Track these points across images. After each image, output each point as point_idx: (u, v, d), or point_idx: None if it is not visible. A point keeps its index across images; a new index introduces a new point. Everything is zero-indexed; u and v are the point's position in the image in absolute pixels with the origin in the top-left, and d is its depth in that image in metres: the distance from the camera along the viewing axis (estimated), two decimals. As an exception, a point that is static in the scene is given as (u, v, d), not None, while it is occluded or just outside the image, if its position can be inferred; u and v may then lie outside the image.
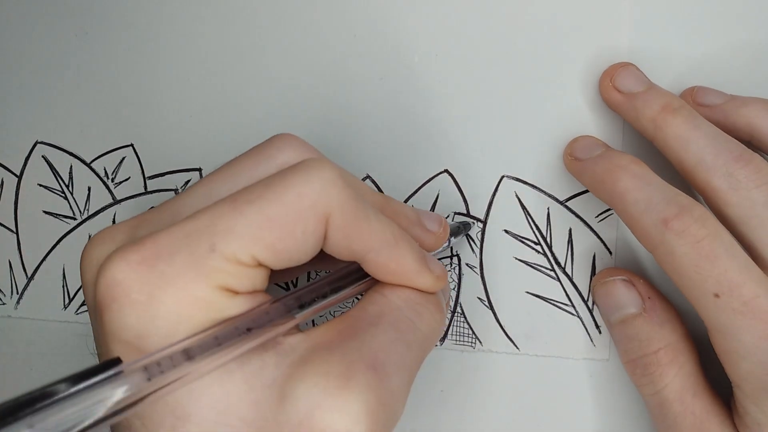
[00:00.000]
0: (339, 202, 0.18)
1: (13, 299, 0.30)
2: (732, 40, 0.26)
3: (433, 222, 0.23)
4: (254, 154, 0.20)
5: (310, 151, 0.21)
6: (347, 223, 0.19)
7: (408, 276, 0.21)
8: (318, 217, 0.18)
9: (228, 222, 0.18)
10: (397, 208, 0.22)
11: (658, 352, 0.23)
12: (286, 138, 0.21)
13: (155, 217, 0.20)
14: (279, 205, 0.18)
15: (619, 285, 0.25)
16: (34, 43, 0.30)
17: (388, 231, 0.20)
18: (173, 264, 0.17)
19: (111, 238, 0.20)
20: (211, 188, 0.20)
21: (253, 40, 0.29)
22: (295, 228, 0.18)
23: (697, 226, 0.21)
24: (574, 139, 0.27)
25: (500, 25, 0.27)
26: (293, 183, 0.18)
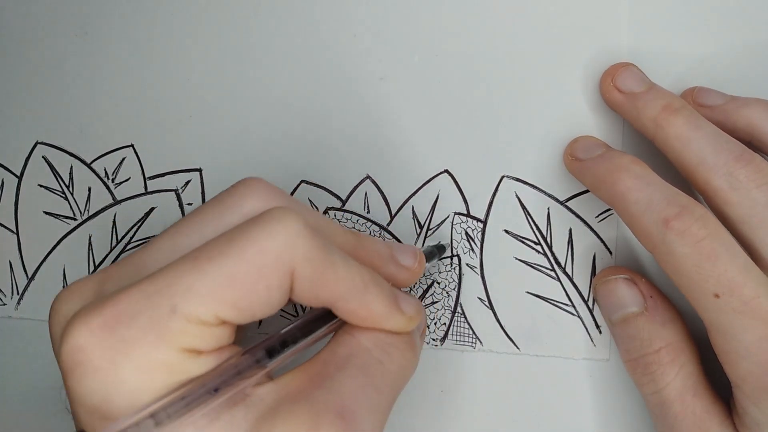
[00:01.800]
0: (304, 254, 0.18)
1: (14, 300, 0.30)
2: (732, 40, 0.26)
3: (408, 256, 0.23)
4: (219, 203, 0.20)
5: (276, 198, 0.20)
6: (314, 274, 0.18)
7: (378, 321, 0.20)
8: (282, 271, 0.18)
9: (189, 281, 0.17)
10: (368, 245, 0.22)
11: (659, 352, 0.23)
12: (251, 184, 0.20)
13: (120, 272, 0.19)
14: (241, 261, 0.17)
15: (620, 284, 0.25)
16: (34, 43, 0.30)
17: (357, 277, 0.20)
18: (134, 327, 0.17)
19: (79, 294, 0.19)
20: (175, 241, 0.19)
21: (253, 40, 0.29)
22: (258, 285, 0.18)
23: (698, 226, 0.21)
24: (575, 139, 0.27)
25: (500, 25, 0.27)
26: (255, 237, 0.18)
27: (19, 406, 0.29)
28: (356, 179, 0.28)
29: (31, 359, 0.29)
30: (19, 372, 0.29)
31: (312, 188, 0.28)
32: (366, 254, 0.22)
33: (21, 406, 0.29)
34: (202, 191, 0.29)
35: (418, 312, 0.22)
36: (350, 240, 0.22)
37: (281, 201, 0.20)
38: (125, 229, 0.29)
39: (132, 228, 0.29)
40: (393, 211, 0.28)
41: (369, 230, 0.28)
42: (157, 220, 0.29)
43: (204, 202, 0.28)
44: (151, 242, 0.20)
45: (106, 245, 0.29)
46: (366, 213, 0.28)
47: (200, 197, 0.29)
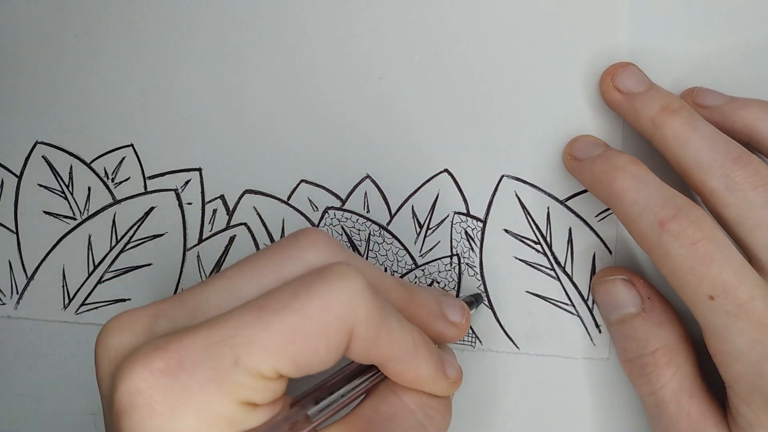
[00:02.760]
0: (364, 315, 0.18)
1: (13, 299, 0.30)
2: (732, 40, 0.26)
3: (456, 312, 0.23)
4: (279, 252, 0.20)
5: (336, 251, 0.20)
6: (370, 335, 0.19)
7: (424, 384, 0.21)
8: (343, 330, 0.18)
9: (252, 333, 0.17)
10: (420, 301, 0.22)
11: (655, 353, 0.23)
12: (312, 235, 0.20)
13: (175, 310, 0.19)
14: (304, 317, 0.17)
15: (618, 284, 0.25)
16: (34, 43, 0.29)
17: (409, 340, 0.20)
18: (196, 376, 0.17)
19: (129, 327, 0.19)
20: (234, 284, 0.19)
21: (253, 39, 0.29)
22: (319, 342, 0.18)
23: (693, 228, 0.21)
24: (574, 139, 0.27)
25: (500, 24, 0.27)
26: (319, 293, 0.18)
27: (18, 405, 0.29)
28: (356, 178, 0.28)
29: (30, 359, 0.29)
30: (17, 371, 0.29)
31: (312, 187, 0.28)
32: (417, 309, 0.22)
33: (20, 406, 0.29)
34: (202, 191, 0.29)
35: (460, 375, 0.22)
36: (403, 295, 0.22)
37: (342, 255, 0.20)
38: (125, 228, 0.29)
39: (132, 228, 0.29)
40: (393, 210, 0.28)
41: (369, 229, 0.28)
42: (157, 219, 0.29)
43: (203, 203, 0.29)
44: (207, 282, 0.20)
45: (105, 245, 0.29)
46: (366, 212, 0.28)
47: (200, 197, 0.29)
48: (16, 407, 0.29)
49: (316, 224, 0.28)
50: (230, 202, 0.29)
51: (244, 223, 0.29)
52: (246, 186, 0.29)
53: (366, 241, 0.28)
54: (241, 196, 0.29)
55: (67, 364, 0.29)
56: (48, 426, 0.29)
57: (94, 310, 0.29)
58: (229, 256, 0.29)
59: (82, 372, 0.29)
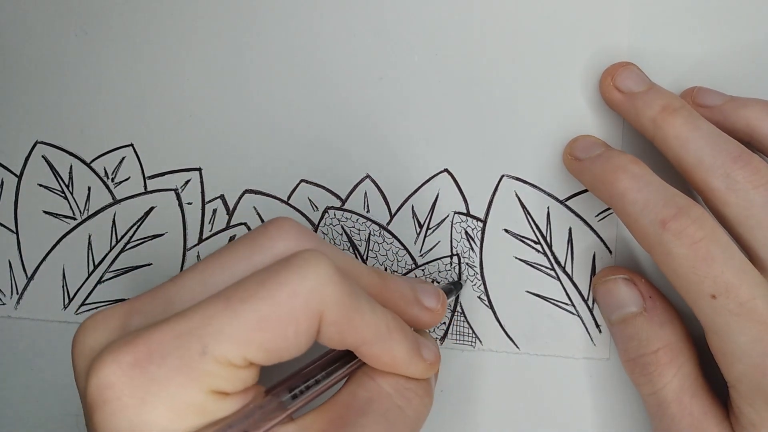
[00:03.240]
0: (333, 299, 0.18)
1: (13, 299, 0.30)
2: (732, 40, 0.26)
3: (431, 298, 0.23)
4: (250, 242, 0.20)
5: (306, 239, 0.20)
6: (341, 319, 0.19)
7: (400, 366, 0.21)
8: (311, 315, 0.18)
9: (220, 322, 0.17)
10: (393, 286, 0.22)
11: (657, 352, 0.23)
12: (282, 224, 0.20)
13: (148, 306, 0.19)
14: (272, 304, 0.18)
15: (620, 284, 0.25)
16: (34, 43, 0.30)
17: (382, 323, 0.20)
18: (164, 367, 0.17)
19: (104, 325, 0.19)
20: (204, 278, 0.20)
21: (253, 39, 0.29)
22: (287, 328, 0.18)
23: (695, 227, 0.21)
24: (574, 139, 0.27)
25: (500, 25, 0.27)
26: (286, 280, 0.18)
27: (18, 405, 0.29)
28: (356, 178, 0.28)
29: (30, 358, 0.29)
30: (17, 371, 0.29)
31: (312, 187, 0.28)
32: (390, 295, 0.22)
33: (20, 406, 0.29)
34: (202, 190, 0.29)
35: (438, 358, 0.22)
36: (375, 281, 0.22)
37: (311, 242, 0.20)
38: (125, 228, 0.29)
39: (132, 227, 0.29)
40: (393, 210, 0.28)
41: (369, 229, 0.28)
42: (157, 219, 0.29)
43: (203, 202, 0.29)
44: (179, 277, 0.20)
45: (105, 245, 0.29)
46: (366, 212, 0.28)
47: (200, 196, 0.29)
48: (16, 407, 0.29)
49: (316, 224, 0.28)
50: (230, 201, 0.29)
51: (244, 222, 0.29)
52: (246, 186, 0.28)
53: (366, 240, 0.28)
54: (241, 195, 0.29)
55: (67, 364, 0.29)
56: (48, 426, 0.29)
57: (94, 310, 0.29)
58: (229, 256, 0.28)
59: (82, 372, 0.29)
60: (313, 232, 0.21)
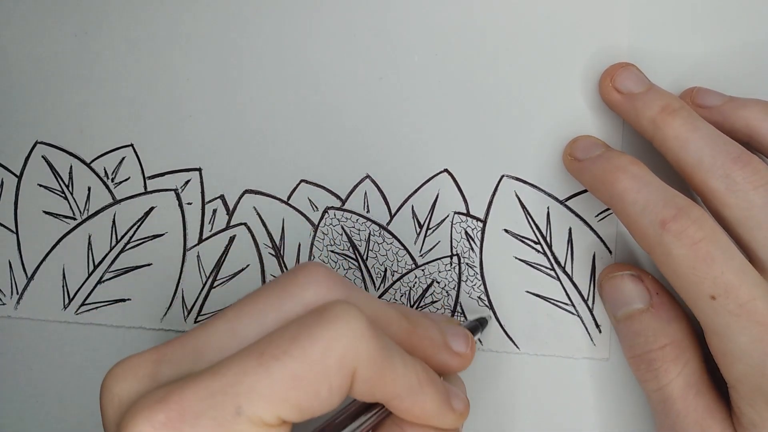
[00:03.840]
0: (366, 355, 0.18)
1: (13, 299, 0.30)
2: (732, 40, 0.26)
3: (460, 342, 0.23)
4: (278, 290, 0.20)
5: (336, 286, 0.20)
6: (373, 375, 0.18)
7: (430, 418, 0.20)
8: (345, 373, 0.18)
9: (253, 380, 0.17)
10: (422, 332, 0.22)
11: (664, 348, 0.23)
12: (311, 271, 0.20)
13: (177, 354, 0.19)
14: (306, 362, 0.17)
15: (626, 280, 0.25)
16: (34, 43, 0.29)
17: (413, 376, 0.20)
18: (198, 427, 0.17)
19: (132, 373, 0.19)
20: (235, 326, 0.19)
21: (253, 39, 0.29)
22: (321, 386, 0.18)
23: (695, 228, 0.21)
24: (574, 139, 0.27)
25: (500, 25, 0.27)
26: (320, 337, 0.18)
27: (18, 405, 0.29)
28: (356, 178, 0.28)
29: (30, 359, 0.29)
30: (17, 371, 0.29)
31: (312, 187, 0.28)
32: (419, 341, 0.22)
33: (20, 405, 0.29)
34: (202, 191, 0.29)
35: (467, 408, 0.22)
36: (404, 326, 0.21)
37: (342, 290, 0.20)
38: (125, 228, 0.29)
39: (132, 227, 0.29)
40: (393, 210, 0.28)
41: (369, 229, 0.28)
42: (157, 219, 0.29)
43: (203, 203, 0.29)
44: (208, 324, 0.20)
45: (105, 245, 0.29)
46: (366, 212, 0.28)
47: (200, 197, 0.29)
48: (16, 407, 0.29)
49: (316, 224, 0.28)
50: (230, 202, 0.29)
51: (244, 223, 0.29)
52: (246, 186, 0.29)
53: (366, 241, 0.28)
54: (241, 196, 0.29)
55: (67, 364, 0.29)
56: (48, 426, 0.29)
57: (94, 310, 0.29)
58: (229, 256, 0.29)
59: (82, 372, 0.29)
60: (343, 277, 0.21)
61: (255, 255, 0.28)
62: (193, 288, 0.29)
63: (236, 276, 0.28)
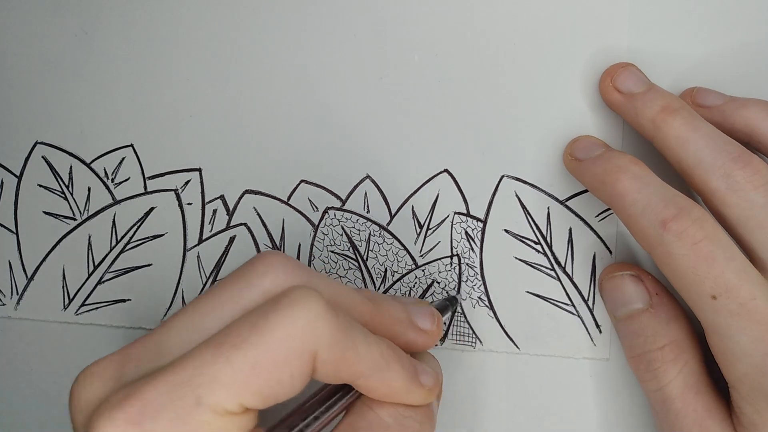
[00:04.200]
0: (327, 337, 0.18)
1: (13, 300, 0.30)
2: (732, 40, 0.26)
3: (426, 319, 0.23)
4: (238, 280, 0.20)
5: (294, 273, 0.20)
6: (335, 356, 0.18)
7: (398, 396, 0.20)
8: (306, 356, 0.18)
9: (213, 371, 0.17)
10: (386, 311, 0.22)
11: (663, 348, 0.23)
12: (269, 260, 0.20)
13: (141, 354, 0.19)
14: (265, 350, 0.17)
15: (627, 280, 0.25)
16: (34, 43, 0.30)
17: (377, 354, 0.19)
18: (160, 421, 0.17)
19: (98, 376, 0.19)
20: (194, 321, 0.19)
21: (253, 39, 0.29)
22: (282, 372, 0.18)
23: (695, 228, 0.21)
24: (574, 139, 0.27)
25: (500, 25, 0.27)
26: (278, 323, 0.18)
27: (18, 405, 0.29)
28: (356, 179, 0.28)
29: (30, 359, 0.29)
30: (17, 371, 0.29)
31: (312, 188, 0.28)
32: (384, 320, 0.22)
33: (20, 406, 0.29)
34: (202, 191, 0.29)
35: (437, 383, 0.22)
36: (368, 308, 0.21)
37: (300, 276, 0.20)
38: (125, 229, 0.29)
39: (132, 228, 0.29)
40: (393, 210, 0.28)
41: (369, 229, 0.28)
42: (157, 219, 0.29)
43: (203, 203, 0.29)
44: (169, 321, 0.20)
45: (105, 245, 0.29)
46: (366, 212, 0.28)
47: (200, 197, 0.29)
48: (16, 407, 0.29)
49: (317, 224, 0.28)
50: (230, 202, 0.29)
51: (244, 223, 0.29)
52: (246, 186, 0.28)
53: (366, 241, 0.28)
54: (241, 196, 0.29)
55: (67, 364, 0.29)
56: (48, 426, 0.29)
57: (94, 310, 0.29)
58: (229, 257, 0.29)
59: (82, 372, 0.29)
60: (302, 264, 0.20)
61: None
62: (193, 288, 0.29)
63: (236, 276, 0.28)
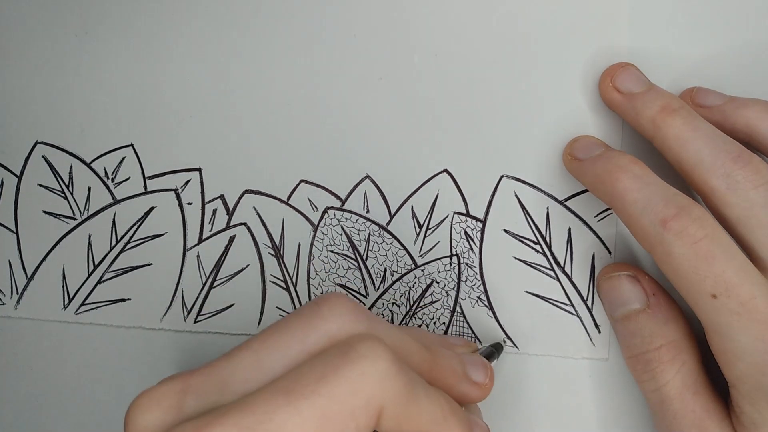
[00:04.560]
0: (393, 393, 0.18)
1: (13, 299, 0.30)
2: (732, 40, 0.26)
3: (479, 372, 0.23)
4: (302, 322, 0.20)
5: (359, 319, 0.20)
6: (399, 412, 0.18)
7: None
8: (371, 412, 0.18)
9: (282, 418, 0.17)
10: (443, 363, 0.22)
11: (660, 349, 0.23)
12: (334, 304, 0.20)
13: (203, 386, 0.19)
14: (333, 401, 0.17)
15: (624, 280, 0.25)
16: (35, 43, 0.30)
17: (437, 410, 0.20)
18: None
19: (157, 404, 0.19)
20: (260, 357, 0.19)
21: (253, 39, 0.29)
22: (348, 425, 0.17)
23: (695, 227, 0.21)
24: (574, 139, 0.27)
25: (500, 25, 0.27)
26: (347, 376, 0.18)
27: (18, 404, 0.29)
28: (356, 179, 0.28)
29: (30, 359, 0.29)
30: (17, 371, 0.29)
31: (311, 187, 0.28)
32: (440, 372, 0.22)
33: (19, 405, 0.29)
34: (202, 191, 0.29)
35: None
36: (426, 358, 0.21)
37: (365, 322, 0.20)
38: (125, 228, 0.29)
39: (132, 227, 0.29)
40: (392, 210, 0.28)
41: (368, 229, 0.28)
42: (157, 219, 0.29)
43: (203, 203, 0.29)
44: (232, 354, 0.20)
45: (105, 245, 0.29)
46: (365, 212, 0.28)
47: (200, 197, 0.29)
48: (16, 407, 0.29)
49: (316, 224, 0.28)
50: (230, 202, 0.29)
51: (244, 223, 0.29)
52: (246, 186, 0.29)
53: (366, 241, 0.28)
54: (241, 196, 0.29)
55: (67, 364, 0.29)
56: (48, 426, 0.29)
57: (94, 310, 0.29)
58: (229, 256, 0.29)
59: (82, 372, 0.29)
60: (365, 308, 0.21)
61: (255, 255, 0.28)
62: (193, 288, 0.29)
63: (236, 276, 0.28)
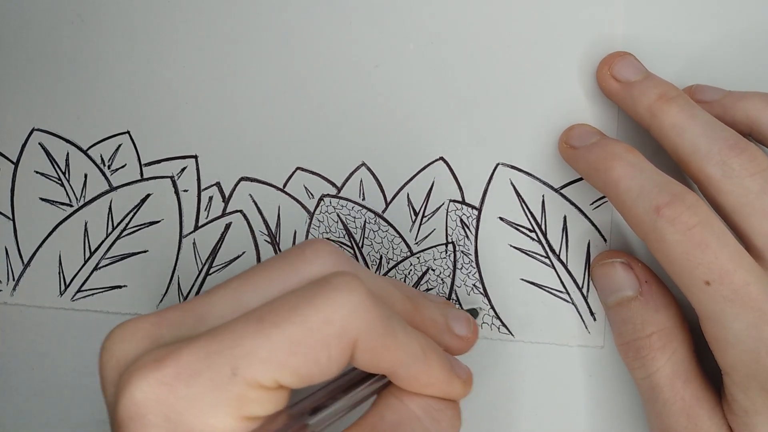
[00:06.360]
0: (367, 325, 0.18)
1: (9, 286, 0.30)
2: (728, 30, 0.26)
3: (462, 325, 0.23)
4: (285, 263, 0.20)
5: (341, 262, 0.20)
6: (375, 344, 0.18)
7: (437, 386, 0.20)
8: (345, 342, 0.18)
9: (252, 344, 0.17)
10: (425, 312, 0.22)
11: (651, 336, 0.23)
12: (318, 247, 0.20)
13: (179, 319, 0.19)
14: (305, 330, 0.17)
15: (617, 267, 0.25)
16: (31, 30, 0.30)
17: (416, 345, 0.20)
18: (193, 386, 0.17)
19: (132, 335, 0.19)
20: (239, 296, 0.19)
21: (249, 27, 0.29)
22: (320, 354, 0.18)
23: (689, 214, 0.21)
24: (570, 127, 0.27)
25: (496, 13, 0.27)
26: (320, 306, 0.18)
27: (14, 391, 0.29)
28: (352, 166, 0.28)
29: (26, 345, 0.29)
30: (13, 357, 0.30)
31: (307, 175, 0.28)
32: (422, 321, 0.22)
33: (16, 391, 0.29)
34: (198, 178, 0.29)
35: (471, 378, 0.22)
36: (408, 307, 0.21)
37: (345, 266, 0.20)
38: (121, 215, 0.29)
39: (128, 214, 0.29)
40: (388, 198, 0.28)
41: (364, 217, 0.28)
42: (153, 206, 0.29)
43: (199, 190, 0.29)
44: (212, 292, 0.20)
45: (102, 231, 0.29)
46: (361, 200, 0.28)
47: (196, 184, 0.29)
48: (12, 394, 0.29)
49: (312, 211, 0.28)
50: (226, 189, 0.29)
51: (240, 210, 0.29)
52: (242, 173, 0.29)
53: (361, 228, 0.28)
54: (237, 183, 0.29)
55: (63, 351, 0.29)
56: (44, 411, 0.29)
57: (90, 296, 0.29)
58: (225, 243, 0.29)
59: (79, 358, 0.29)
60: (348, 255, 0.21)
61: (251, 242, 0.28)
62: (189, 275, 0.29)
63: (232, 263, 0.28)
